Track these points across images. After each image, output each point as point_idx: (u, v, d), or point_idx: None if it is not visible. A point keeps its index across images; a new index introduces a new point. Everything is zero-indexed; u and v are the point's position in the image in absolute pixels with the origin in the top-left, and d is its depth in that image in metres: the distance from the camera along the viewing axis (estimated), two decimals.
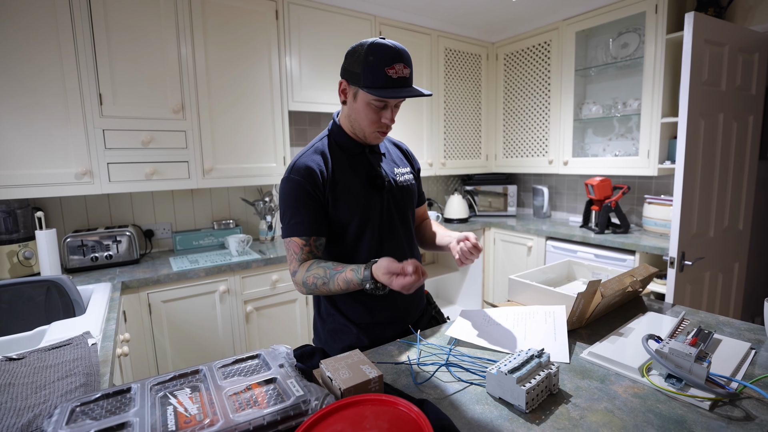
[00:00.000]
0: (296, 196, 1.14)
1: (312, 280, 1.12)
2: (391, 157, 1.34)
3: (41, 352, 1.13)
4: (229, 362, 0.86)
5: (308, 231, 1.15)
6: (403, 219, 1.30)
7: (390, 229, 1.25)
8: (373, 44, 1.07)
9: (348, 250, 1.23)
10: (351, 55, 1.11)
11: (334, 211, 1.18)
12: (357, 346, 1.21)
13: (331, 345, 1.27)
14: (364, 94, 1.11)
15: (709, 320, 1.29)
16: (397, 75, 1.07)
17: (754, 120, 2.33)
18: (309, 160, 1.17)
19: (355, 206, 1.19)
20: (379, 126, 1.17)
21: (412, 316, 1.33)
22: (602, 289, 1.21)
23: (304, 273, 1.13)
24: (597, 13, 2.80)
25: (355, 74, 1.09)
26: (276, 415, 0.67)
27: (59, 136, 1.94)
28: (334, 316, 1.26)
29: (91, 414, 0.70)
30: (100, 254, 2.13)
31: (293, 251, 1.16)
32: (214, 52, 2.30)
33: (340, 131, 1.24)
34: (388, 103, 1.13)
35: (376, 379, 0.80)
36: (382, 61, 1.06)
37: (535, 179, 3.81)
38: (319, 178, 1.15)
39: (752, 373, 0.96)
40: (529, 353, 0.91)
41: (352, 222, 1.20)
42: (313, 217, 1.15)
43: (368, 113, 1.14)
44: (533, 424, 0.79)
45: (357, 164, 1.23)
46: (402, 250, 1.28)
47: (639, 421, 0.79)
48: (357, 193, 1.19)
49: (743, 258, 2.46)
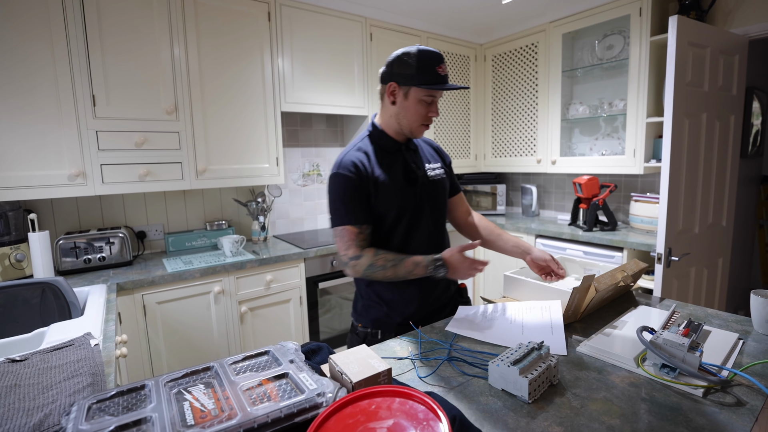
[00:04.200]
0: (347, 189, 1.27)
1: (382, 263, 1.27)
2: (424, 154, 1.47)
3: (44, 354, 1.13)
4: (239, 359, 0.88)
5: (360, 220, 1.29)
6: (435, 210, 1.42)
7: (422, 220, 1.38)
8: (420, 50, 1.25)
9: (382, 239, 1.36)
10: (399, 61, 1.26)
11: (375, 203, 1.31)
12: (386, 321, 1.38)
13: (364, 316, 1.43)
14: (416, 92, 1.27)
15: (698, 312, 1.34)
16: (443, 73, 1.26)
17: (735, 120, 2.41)
18: (354, 157, 1.31)
19: (393, 199, 1.32)
20: (425, 119, 1.32)
21: (439, 302, 1.45)
22: (596, 284, 1.25)
23: (372, 257, 1.27)
24: (583, 16, 2.86)
25: (409, 75, 1.25)
26: (292, 408, 0.69)
27: (52, 138, 1.93)
28: (370, 295, 1.41)
29: (108, 411, 0.71)
30: (92, 256, 2.12)
31: (349, 238, 1.28)
32: (207, 53, 2.30)
33: (380, 131, 1.37)
34: (435, 98, 1.30)
35: (385, 373, 0.82)
36: (432, 62, 1.24)
37: (524, 178, 3.87)
38: (363, 173, 1.29)
39: (741, 361, 1.01)
40: (529, 346, 0.94)
41: (389, 213, 1.32)
42: (362, 208, 1.29)
43: (418, 109, 1.29)
44: (536, 414, 0.82)
45: (394, 161, 1.36)
46: (432, 239, 1.41)
47: (637, 409, 0.83)
48: (394, 187, 1.32)
49: (727, 253, 2.55)
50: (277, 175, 2.63)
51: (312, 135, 3.17)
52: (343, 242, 1.29)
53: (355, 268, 1.29)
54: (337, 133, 3.30)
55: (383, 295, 1.39)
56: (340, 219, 1.29)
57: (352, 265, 1.29)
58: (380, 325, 1.40)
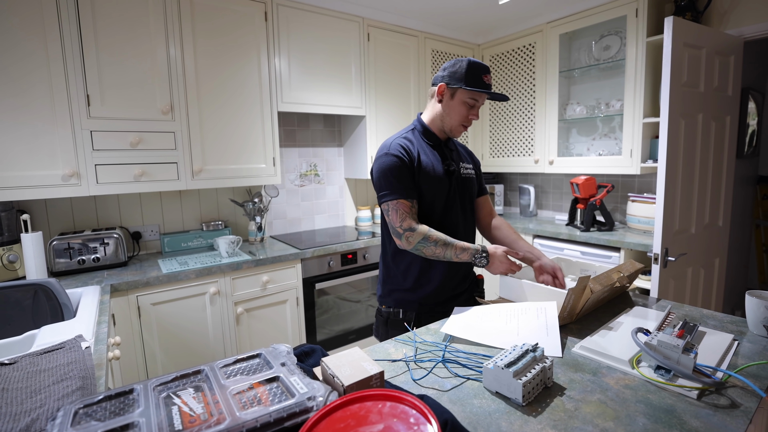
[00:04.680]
0: (398, 168, 1.39)
1: (434, 239, 1.37)
2: (459, 154, 1.61)
3: (33, 357, 1.12)
4: (230, 362, 0.87)
5: (412, 195, 1.40)
6: (463, 204, 1.55)
7: (453, 210, 1.51)
8: (471, 60, 1.41)
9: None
10: (452, 66, 1.43)
11: (417, 183, 1.42)
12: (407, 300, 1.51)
13: (387, 297, 1.56)
14: (462, 94, 1.42)
15: (694, 313, 1.34)
16: (488, 82, 1.42)
17: (731, 120, 2.41)
18: (401, 141, 1.44)
19: (432, 185, 1.44)
20: (465, 121, 1.46)
21: (456, 290, 1.55)
22: (592, 284, 1.24)
23: (426, 231, 1.37)
24: (580, 17, 2.86)
25: (458, 78, 1.40)
26: (282, 412, 0.68)
27: (46, 138, 1.92)
28: (395, 278, 1.54)
29: (95, 416, 0.70)
30: (87, 257, 2.10)
31: (404, 211, 1.38)
32: (203, 53, 2.29)
33: (424, 126, 1.52)
34: (477, 102, 1.44)
35: (377, 376, 0.82)
36: (480, 71, 1.40)
37: (522, 178, 3.86)
38: (410, 156, 1.42)
39: (736, 363, 1.00)
40: (524, 348, 0.94)
41: (426, 197, 1.44)
42: (412, 185, 1.41)
43: (461, 110, 1.44)
44: (530, 417, 0.81)
45: (434, 153, 1.49)
46: (459, 228, 1.52)
47: (631, 411, 0.82)
48: (434, 175, 1.45)
49: (723, 253, 2.54)
50: (273, 176, 2.62)
51: (309, 135, 3.16)
52: (398, 215, 1.38)
53: (409, 239, 1.38)
54: (335, 133, 3.29)
55: (408, 276, 1.50)
56: (393, 194, 1.38)
57: (406, 236, 1.38)
58: (402, 304, 1.52)
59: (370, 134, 3.02)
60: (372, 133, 3.03)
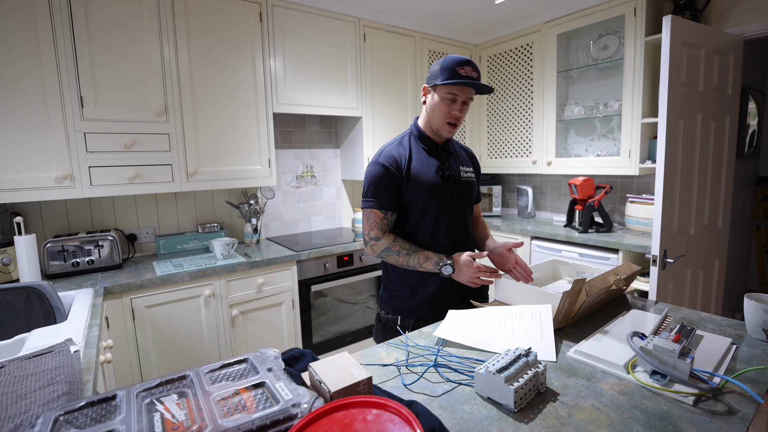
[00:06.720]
0: (381, 177, 1.41)
1: (397, 249, 1.42)
2: (459, 157, 1.59)
3: (21, 361, 1.10)
4: (216, 367, 0.85)
5: (386, 206, 1.43)
6: (461, 208, 1.53)
7: (449, 215, 1.49)
8: (449, 56, 1.39)
9: (411, 229, 1.49)
10: (433, 66, 1.43)
11: (405, 191, 1.44)
12: (405, 307, 1.51)
13: (387, 304, 1.57)
14: (440, 90, 1.40)
15: (691, 317, 1.32)
16: (465, 74, 1.36)
17: (731, 120, 2.39)
18: (394, 150, 1.46)
19: (423, 190, 1.44)
20: (449, 117, 1.43)
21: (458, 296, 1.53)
22: (587, 287, 1.22)
23: (390, 241, 1.43)
24: (578, 16, 2.85)
25: (434, 75, 1.40)
26: (265, 419, 0.66)
27: (39, 140, 1.90)
28: (396, 284, 1.54)
29: (75, 423, 0.68)
30: (81, 259, 2.09)
31: (374, 221, 1.43)
32: (197, 54, 2.28)
33: (419, 131, 1.52)
34: (457, 97, 1.39)
35: (365, 381, 0.80)
36: (455, 64, 1.36)
37: (520, 179, 3.84)
38: (399, 166, 1.43)
39: (734, 367, 0.98)
40: (516, 352, 0.92)
41: (418, 203, 1.45)
42: (391, 197, 1.43)
43: (441, 107, 1.41)
44: (522, 423, 0.80)
45: (429, 158, 1.49)
46: (456, 234, 1.51)
47: (625, 418, 0.80)
48: (426, 180, 1.44)
49: (723, 255, 2.52)
50: (269, 177, 2.61)
51: (306, 136, 3.14)
52: (368, 223, 1.45)
53: (373, 248, 1.45)
54: (331, 134, 3.28)
55: (409, 282, 1.51)
56: (369, 202, 1.44)
57: (371, 244, 1.45)
58: (400, 312, 1.53)
59: (366, 135, 3.01)
60: (368, 135, 3.01)
